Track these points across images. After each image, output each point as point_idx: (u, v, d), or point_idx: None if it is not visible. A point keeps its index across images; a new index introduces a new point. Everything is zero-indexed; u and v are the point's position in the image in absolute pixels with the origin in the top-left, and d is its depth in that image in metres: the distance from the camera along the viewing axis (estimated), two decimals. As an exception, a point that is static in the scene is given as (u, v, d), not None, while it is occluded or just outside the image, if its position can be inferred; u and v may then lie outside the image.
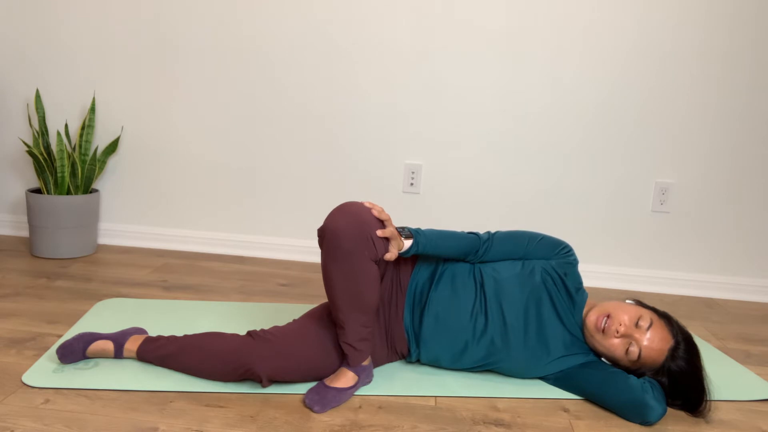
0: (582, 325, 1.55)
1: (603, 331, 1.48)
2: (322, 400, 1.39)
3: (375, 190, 2.63)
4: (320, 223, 2.69)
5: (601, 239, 2.60)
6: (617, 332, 1.46)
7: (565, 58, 2.48)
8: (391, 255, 1.42)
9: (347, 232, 1.35)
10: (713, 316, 2.32)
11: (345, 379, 1.44)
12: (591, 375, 1.50)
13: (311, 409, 1.38)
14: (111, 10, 2.59)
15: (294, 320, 1.53)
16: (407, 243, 1.48)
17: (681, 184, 2.54)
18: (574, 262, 1.61)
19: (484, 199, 2.60)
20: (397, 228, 1.50)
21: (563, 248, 1.61)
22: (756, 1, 2.39)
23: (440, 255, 1.56)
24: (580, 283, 1.61)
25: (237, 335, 1.46)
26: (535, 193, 2.58)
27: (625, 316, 1.47)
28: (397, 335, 1.58)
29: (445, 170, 2.60)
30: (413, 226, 2.65)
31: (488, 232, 1.62)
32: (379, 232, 1.38)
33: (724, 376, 1.73)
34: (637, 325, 1.46)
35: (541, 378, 1.60)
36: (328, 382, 1.44)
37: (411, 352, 1.60)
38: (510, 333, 1.50)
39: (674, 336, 1.46)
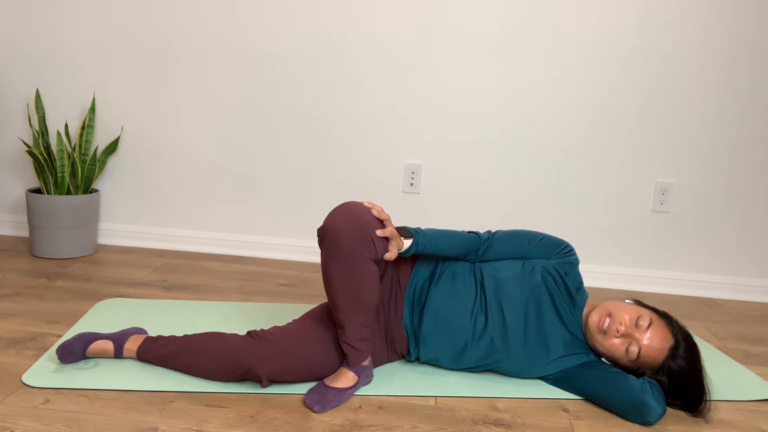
0: (582, 325, 1.56)
1: (604, 331, 1.48)
2: (322, 400, 1.39)
3: (375, 190, 2.63)
4: (320, 223, 2.69)
5: (601, 239, 2.60)
6: (617, 332, 1.46)
7: (566, 58, 2.48)
8: (391, 255, 1.42)
9: (347, 232, 1.35)
10: (713, 316, 2.32)
11: (345, 379, 1.44)
12: (591, 375, 1.50)
13: (311, 409, 1.38)
14: (111, 10, 2.59)
15: (294, 320, 1.53)
16: (407, 242, 1.48)
17: (681, 184, 2.54)
18: (574, 262, 1.61)
19: (484, 199, 2.60)
20: (396, 228, 1.50)
21: (564, 247, 1.61)
22: (756, 1, 2.39)
23: (440, 254, 1.55)
24: (581, 282, 1.61)
25: (237, 335, 1.46)
26: (535, 193, 2.58)
27: (625, 315, 1.47)
28: (396, 335, 1.58)
29: (445, 170, 2.60)
30: (413, 226, 2.65)
31: (488, 232, 1.62)
32: (379, 232, 1.38)
33: (724, 376, 1.73)
34: (636, 324, 1.46)
35: (541, 378, 1.60)
36: (328, 382, 1.44)
37: (410, 352, 1.60)
38: (510, 332, 1.50)
39: (674, 335, 1.46)
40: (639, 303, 1.55)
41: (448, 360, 1.57)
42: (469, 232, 1.61)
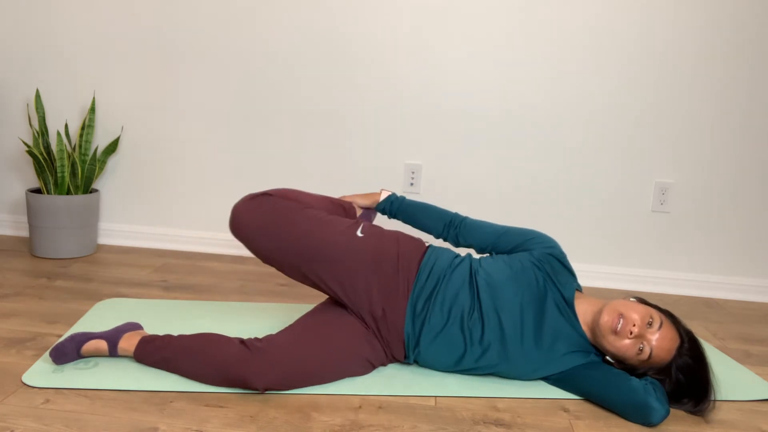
0: (577, 319, 1.54)
1: (616, 332, 1.46)
2: None
3: (375, 189, 2.63)
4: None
5: (601, 239, 2.60)
6: (631, 333, 1.44)
7: (566, 58, 2.48)
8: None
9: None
10: (713, 316, 2.32)
11: None
12: (592, 376, 1.50)
13: None
14: (111, 10, 2.59)
15: (294, 323, 1.52)
16: (384, 194, 1.82)
17: (681, 184, 2.54)
18: (558, 255, 1.62)
19: (484, 198, 2.60)
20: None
21: (535, 237, 1.66)
22: (756, 1, 2.39)
23: (414, 222, 1.78)
24: (572, 274, 1.61)
25: (233, 343, 1.44)
26: (535, 193, 2.58)
27: (636, 315, 1.45)
28: (394, 340, 1.56)
29: (445, 170, 2.60)
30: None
31: (464, 218, 1.77)
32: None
33: (724, 376, 1.73)
34: (648, 324, 1.45)
35: (542, 378, 1.59)
36: None
37: (408, 356, 1.58)
38: (507, 339, 1.49)
39: (680, 334, 1.46)
40: (642, 301, 1.54)
41: (447, 367, 1.57)
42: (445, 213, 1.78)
